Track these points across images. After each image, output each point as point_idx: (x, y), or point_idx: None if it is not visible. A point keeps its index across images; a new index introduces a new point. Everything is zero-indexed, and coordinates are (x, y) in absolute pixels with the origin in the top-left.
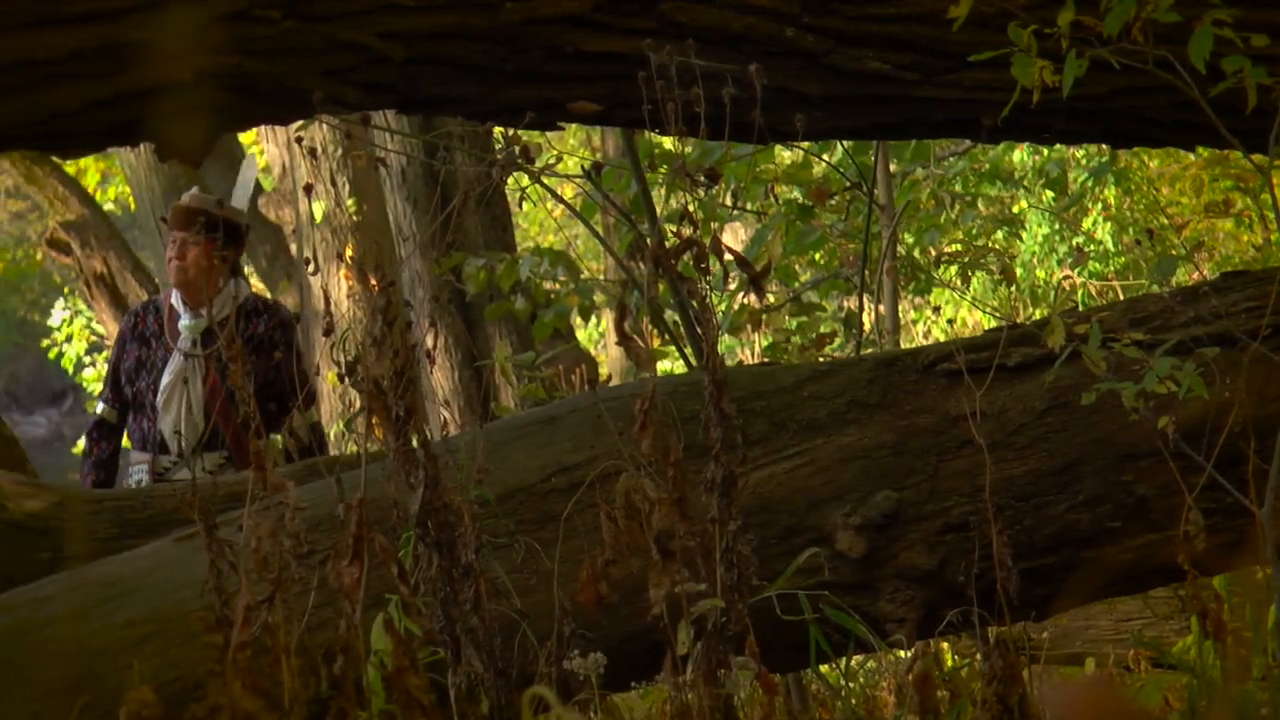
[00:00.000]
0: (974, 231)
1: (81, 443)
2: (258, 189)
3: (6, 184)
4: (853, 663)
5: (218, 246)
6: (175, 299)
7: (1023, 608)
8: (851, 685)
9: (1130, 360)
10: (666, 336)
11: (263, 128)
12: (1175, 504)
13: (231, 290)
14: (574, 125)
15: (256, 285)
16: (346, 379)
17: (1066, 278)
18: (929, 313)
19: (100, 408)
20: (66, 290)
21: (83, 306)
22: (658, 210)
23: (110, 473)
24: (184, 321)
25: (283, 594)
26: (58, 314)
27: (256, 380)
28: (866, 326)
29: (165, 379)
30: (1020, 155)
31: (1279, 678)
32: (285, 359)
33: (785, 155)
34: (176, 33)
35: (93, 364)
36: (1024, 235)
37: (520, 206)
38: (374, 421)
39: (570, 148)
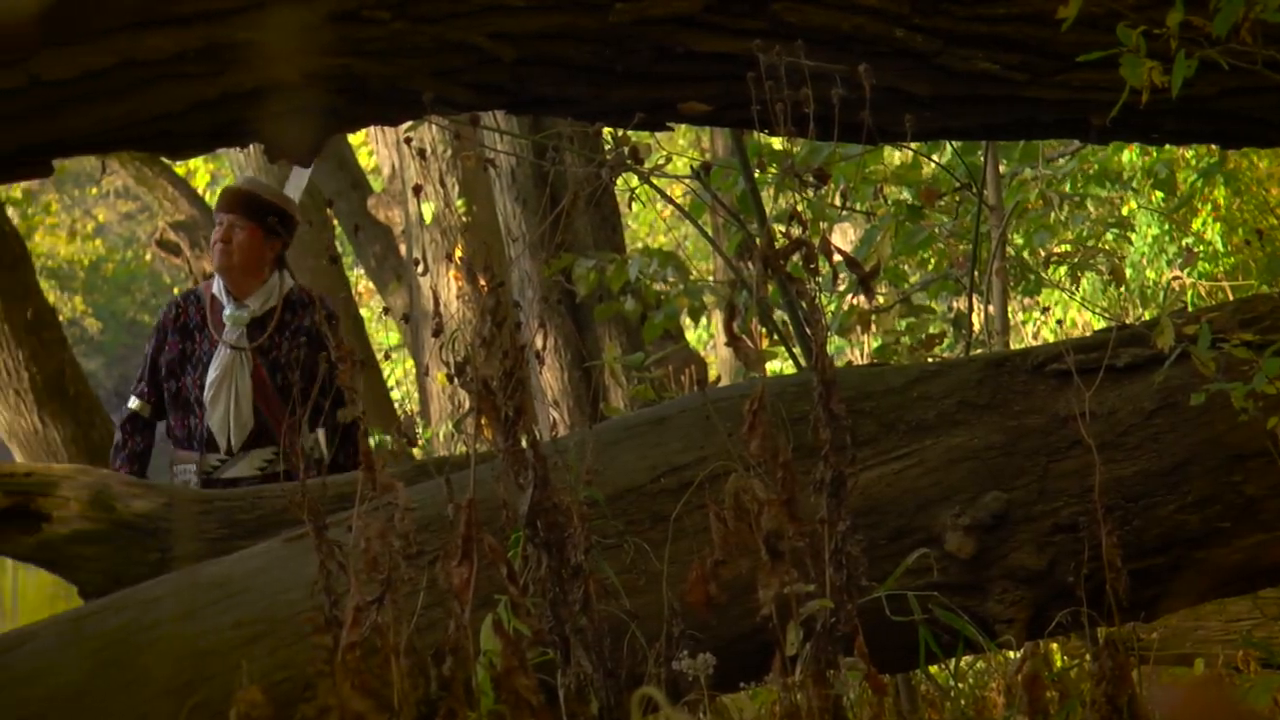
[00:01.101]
0: (1083, 232)
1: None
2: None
3: (116, 185)
4: (962, 663)
5: (267, 233)
6: (218, 289)
7: (1132, 608)
8: (960, 686)
9: (1239, 361)
10: (775, 337)
11: (372, 128)
12: None
13: (276, 281)
14: (683, 126)
15: (365, 286)
16: (456, 379)
17: (1176, 278)
18: (1038, 313)
19: (133, 402)
20: (176, 291)
21: None
22: (767, 210)
23: (144, 466)
24: (228, 313)
25: (392, 594)
26: None
27: (306, 375)
28: (976, 327)
29: (211, 374)
30: (1129, 156)
31: None
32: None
33: (894, 156)
34: (283, 33)
35: None
36: (1133, 236)
37: (630, 207)
38: (483, 422)
39: (679, 148)
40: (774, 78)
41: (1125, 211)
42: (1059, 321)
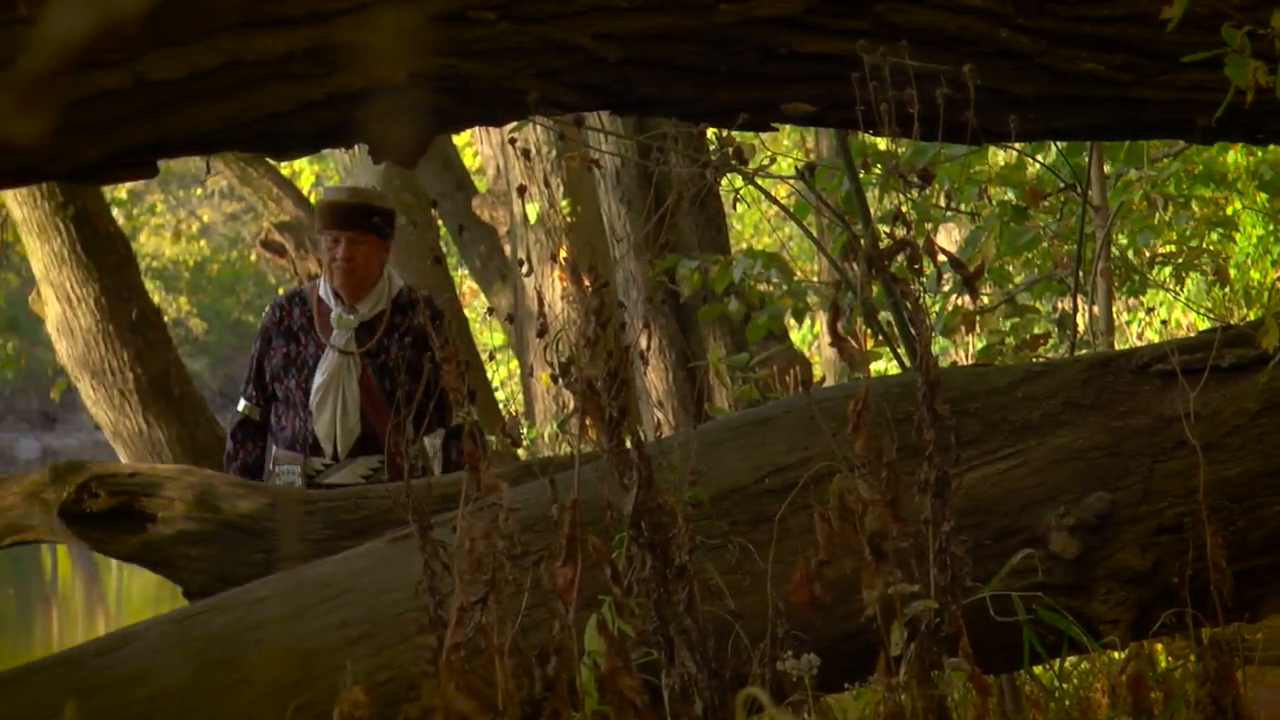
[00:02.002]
0: (1188, 233)
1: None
2: None
3: (221, 185)
4: (1066, 664)
5: (382, 239)
6: (324, 291)
7: (1236, 609)
8: (1065, 686)
9: None
10: (880, 338)
11: (477, 129)
12: None
13: (385, 284)
14: (788, 126)
15: (470, 286)
16: (560, 380)
17: None
18: (1143, 314)
19: (242, 405)
20: (281, 291)
21: None
22: (871, 211)
23: (256, 477)
24: (336, 316)
25: (496, 595)
26: None
27: (416, 378)
28: (1080, 328)
29: (319, 378)
30: (1234, 156)
31: None
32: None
33: (999, 156)
34: (389, 34)
35: None
36: (1238, 236)
37: (734, 208)
38: (588, 423)
39: (784, 148)
40: (878, 78)
41: (1229, 212)
42: (1163, 322)
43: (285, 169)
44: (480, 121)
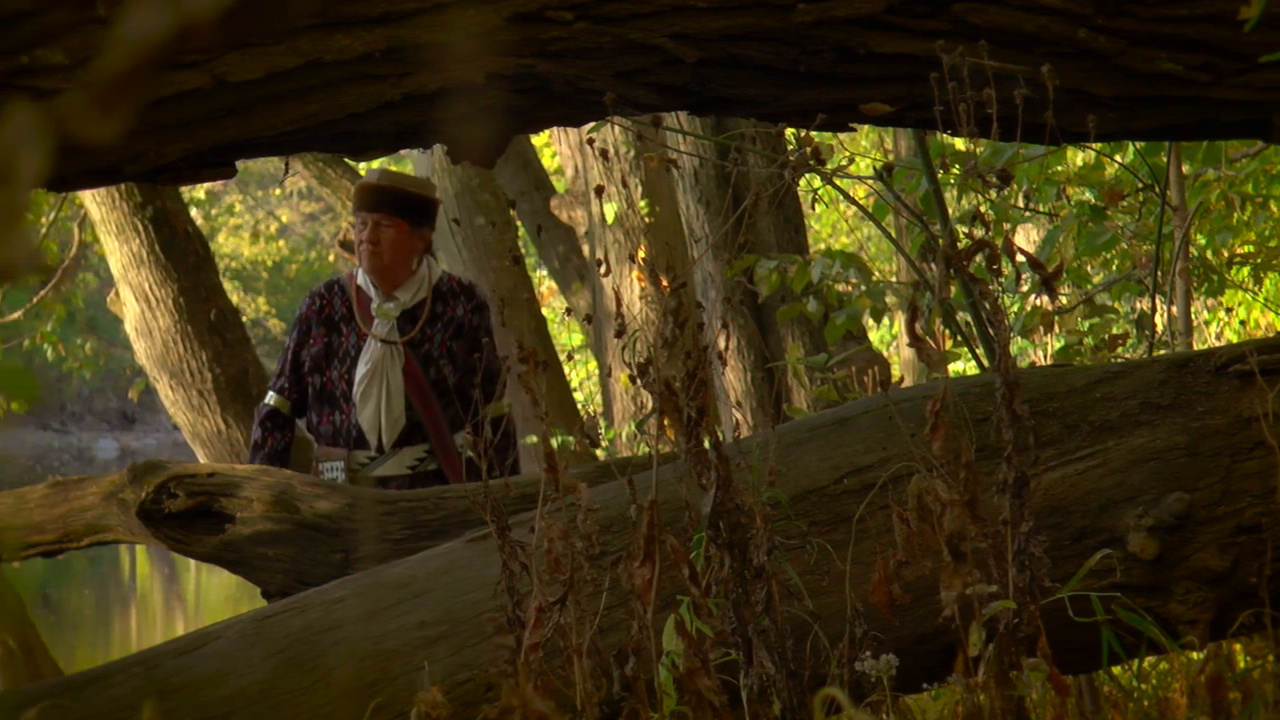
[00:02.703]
0: (1266, 233)
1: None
2: None
3: (299, 185)
4: (1144, 664)
5: (413, 225)
6: (363, 280)
7: None
8: (1143, 687)
9: None
10: (959, 338)
11: (555, 129)
12: None
13: (425, 272)
14: (866, 126)
15: (548, 286)
16: (639, 380)
17: None
18: (1221, 314)
19: (271, 397)
20: None
21: None
22: (950, 211)
23: (285, 464)
24: (377, 306)
25: (575, 595)
26: None
27: (459, 368)
28: (1159, 328)
29: (361, 368)
30: None
31: None
32: (484, 344)
33: (1077, 156)
34: (466, 34)
35: None
36: None
37: (812, 208)
38: (666, 423)
39: (862, 149)
40: (957, 78)
41: None
42: (1242, 322)
43: (363, 169)
44: (558, 122)
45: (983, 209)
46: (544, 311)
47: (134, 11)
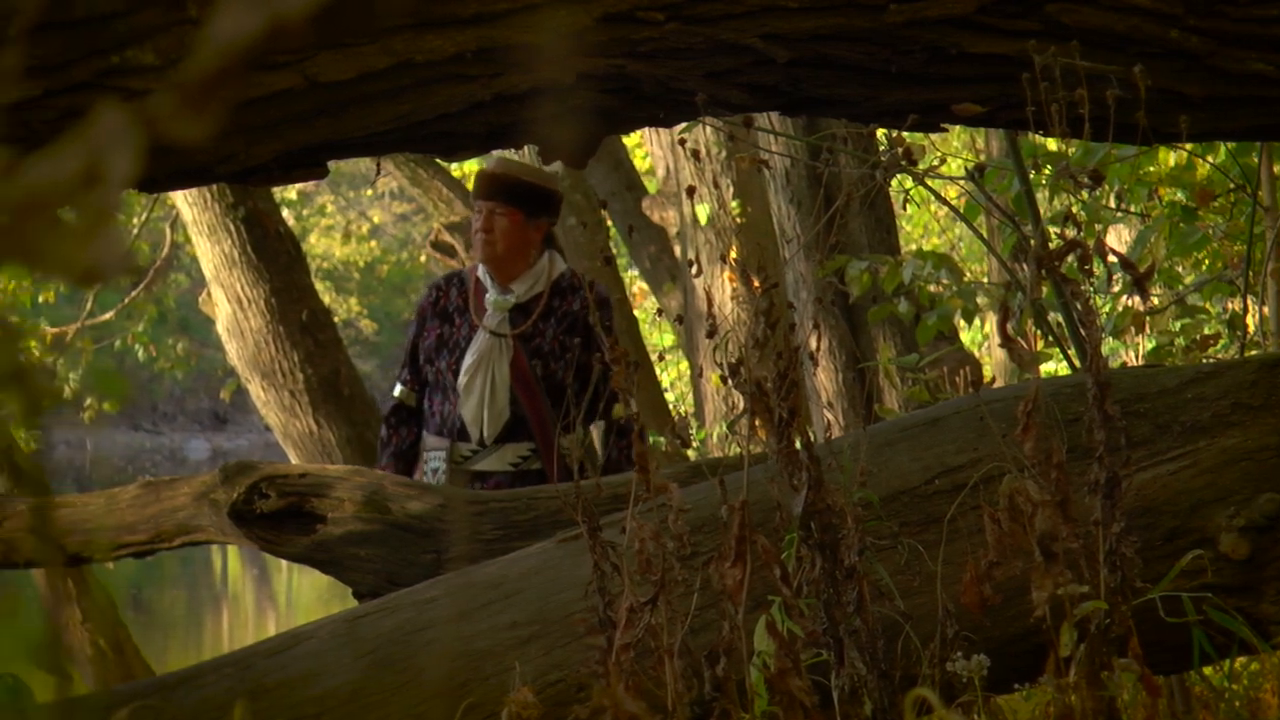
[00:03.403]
0: None
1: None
2: None
3: (391, 186)
4: (1236, 665)
5: (529, 216)
6: (482, 272)
7: None
8: (1234, 687)
9: None
10: (1050, 338)
11: (647, 130)
12: None
13: (544, 265)
14: (957, 127)
15: (640, 287)
16: (730, 381)
17: None
18: None
19: (397, 389)
20: None
21: None
22: (1041, 212)
23: (410, 464)
24: (491, 297)
25: (666, 596)
26: None
27: (571, 365)
28: (1250, 328)
29: (468, 359)
30: None
31: None
32: (602, 342)
33: (1169, 157)
34: (557, 34)
35: None
36: None
37: (904, 208)
38: (757, 423)
39: (954, 149)
40: (1049, 79)
41: None
42: None
43: (455, 170)
44: (649, 122)
45: (1074, 209)
46: (635, 312)
47: (225, 12)
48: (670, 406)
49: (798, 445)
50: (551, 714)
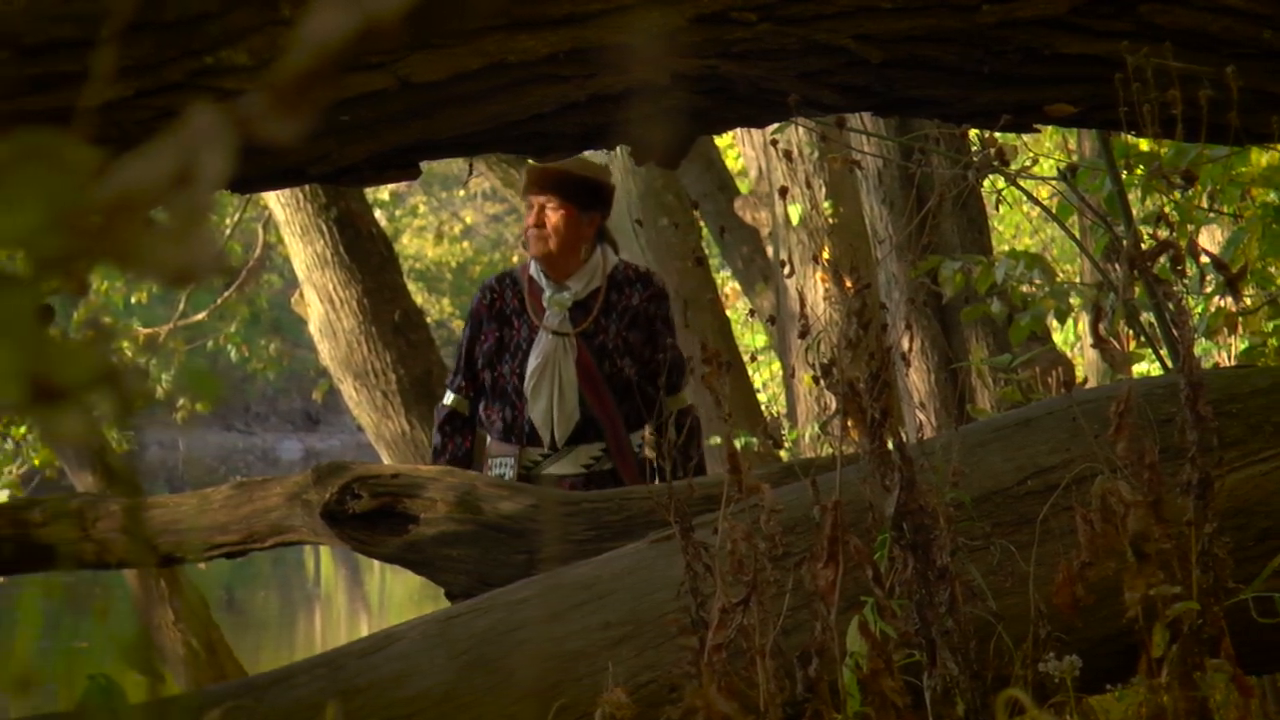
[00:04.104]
0: None
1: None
2: None
3: (484, 187)
4: None
5: (582, 209)
6: (535, 270)
7: None
8: None
9: None
10: (1142, 339)
11: (739, 130)
12: None
13: (598, 259)
14: (1050, 127)
15: (732, 287)
16: (822, 381)
17: None
18: None
19: (450, 397)
20: None
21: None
22: (1133, 212)
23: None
24: (548, 296)
25: (758, 596)
26: None
27: (636, 360)
28: None
29: (533, 361)
30: None
31: None
32: (662, 334)
33: (1261, 157)
34: (650, 35)
35: None
36: None
37: (996, 209)
38: (849, 424)
39: (1046, 149)
40: (1141, 79)
41: None
42: None
43: None
44: (741, 123)
45: (1167, 210)
46: (728, 313)
47: (317, 12)
48: (763, 407)
49: (890, 446)
50: (644, 715)
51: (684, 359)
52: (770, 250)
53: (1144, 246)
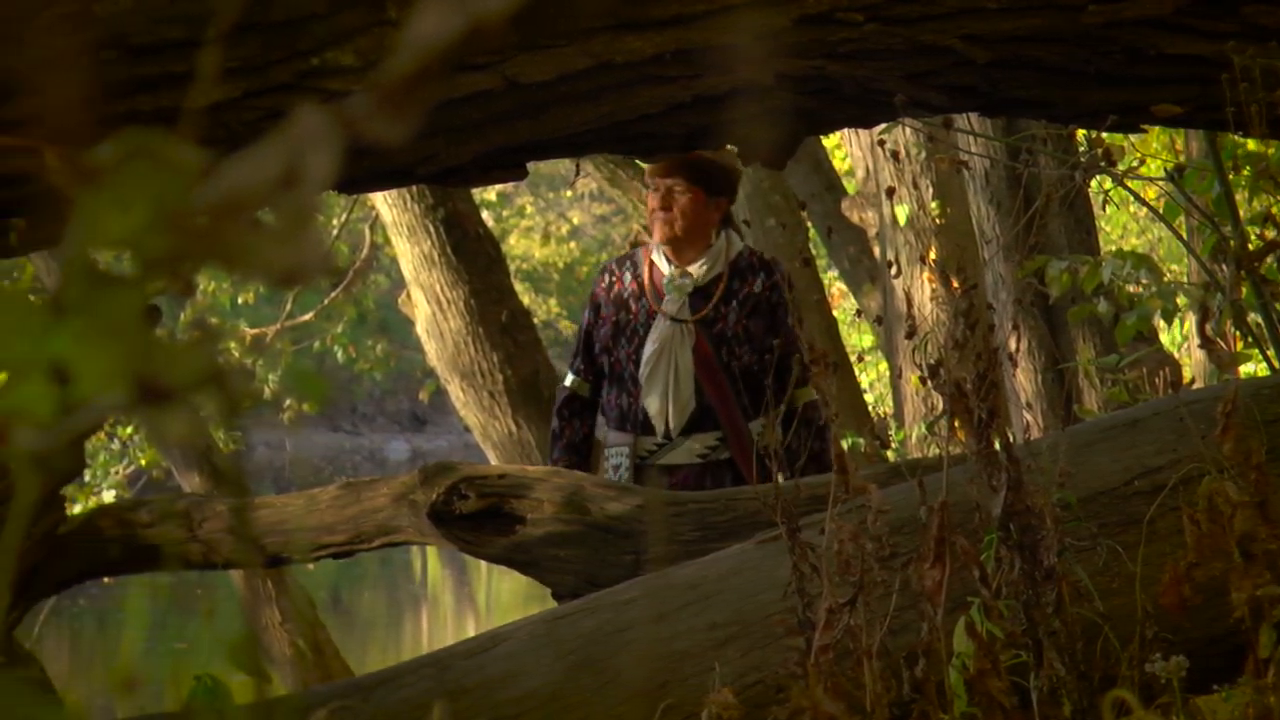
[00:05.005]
0: None
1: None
2: None
3: (590, 187)
4: None
5: (710, 194)
6: (656, 254)
7: None
8: None
9: None
10: (1249, 339)
11: (846, 131)
12: None
13: (722, 245)
14: (1156, 127)
15: (839, 288)
16: (929, 382)
17: None
18: None
19: (570, 379)
20: None
21: None
22: (1241, 213)
23: (584, 457)
24: (669, 280)
25: (865, 597)
26: None
27: (755, 349)
28: None
29: (649, 348)
30: None
31: None
32: (785, 323)
33: None
34: (756, 36)
35: None
36: None
37: (1103, 209)
38: (956, 424)
39: (1153, 150)
40: (1248, 79)
41: None
42: None
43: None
44: (847, 124)
45: (1274, 210)
46: (835, 313)
47: (424, 13)
48: (869, 407)
49: (997, 446)
50: (750, 715)
51: (804, 351)
52: (877, 250)
53: (1251, 247)
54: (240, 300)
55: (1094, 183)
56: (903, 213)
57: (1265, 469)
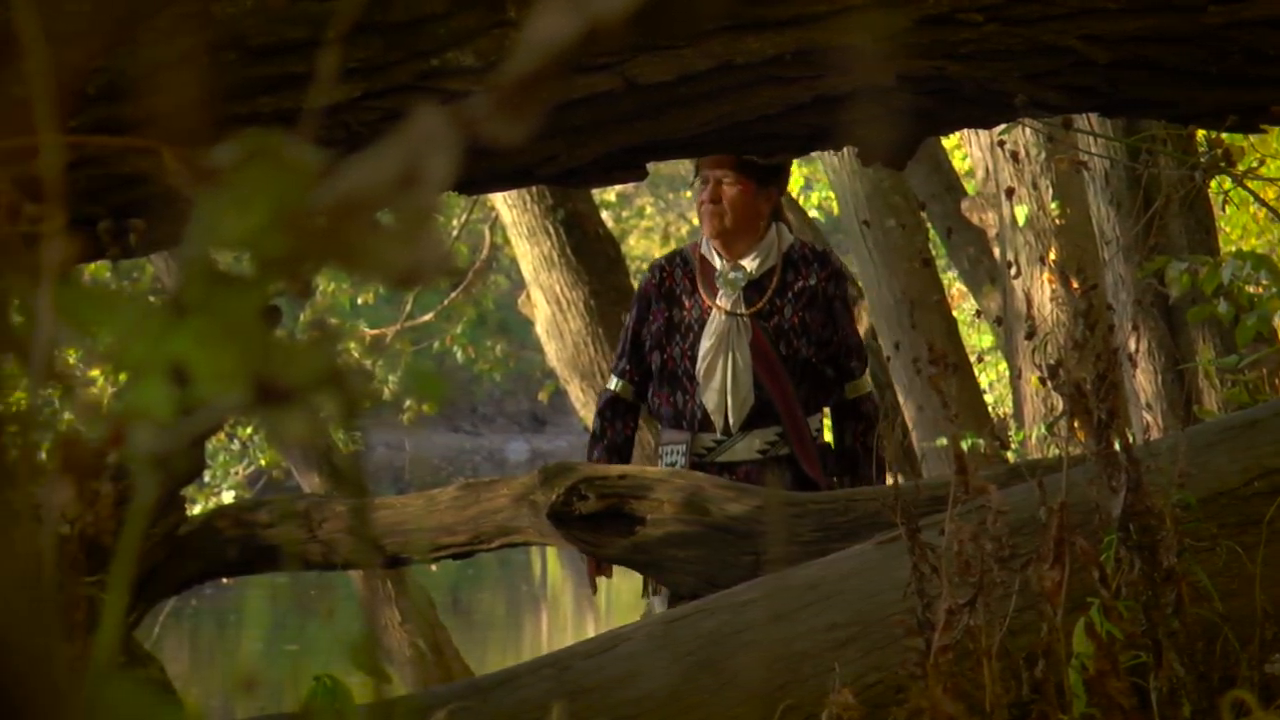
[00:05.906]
0: None
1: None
2: None
3: None
4: None
5: (760, 185)
6: (707, 248)
7: None
8: None
9: None
10: None
11: (965, 131)
12: None
13: (773, 238)
14: (1277, 128)
15: (958, 288)
16: (1049, 382)
17: None
18: None
19: (614, 383)
20: None
21: None
22: None
23: (625, 458)
24: (722, 274)
25: (984, 597)
26: None
27: (813, 341)
28: None
29: (705, 343)
30: None
31: None
32: (842, 315)
33: None
34: (875, 36)
35: None
36: None
37: (1223, 209)
38: (1076, 425)
39: (1273, 150)
40: None
41: None
42: None
43: None
44: (967, 124)
45: None
46: (954, 313)
47: (543, 13)
48: (989, 408)
49: (1117, 447)
50: (870, 716)
51: (862, 343)
52: (997, 251)
53: None
54: (360, 301)
55: (1214, 183)
56: (1022, 213)
57: None
